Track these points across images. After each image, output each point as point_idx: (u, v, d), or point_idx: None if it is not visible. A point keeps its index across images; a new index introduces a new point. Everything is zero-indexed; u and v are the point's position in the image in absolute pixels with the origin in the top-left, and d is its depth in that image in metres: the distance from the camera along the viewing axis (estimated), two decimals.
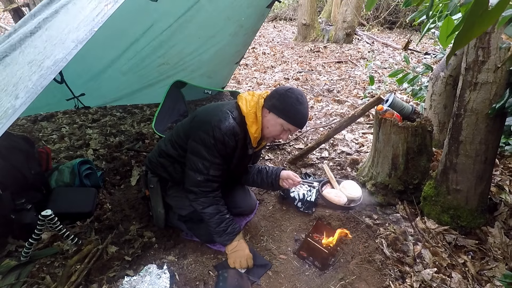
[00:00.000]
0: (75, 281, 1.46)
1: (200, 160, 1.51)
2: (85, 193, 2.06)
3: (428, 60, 5.62)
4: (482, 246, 1.68)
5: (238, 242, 1.63)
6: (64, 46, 1.12)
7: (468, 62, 1.55)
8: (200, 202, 1.57)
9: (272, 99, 1.54)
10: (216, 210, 1.59)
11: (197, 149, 1.52)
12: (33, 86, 1.03)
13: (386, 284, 1.51)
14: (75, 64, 2.73)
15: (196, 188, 1.56)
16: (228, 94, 3.96)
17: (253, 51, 6.96)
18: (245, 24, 3.17)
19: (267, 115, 1.56)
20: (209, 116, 1.53)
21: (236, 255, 1.59)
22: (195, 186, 1.55)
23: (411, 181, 1.97)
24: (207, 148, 1.50)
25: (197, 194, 1.56)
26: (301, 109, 1.51)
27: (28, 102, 1.03)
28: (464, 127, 1.62)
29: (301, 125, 1.58)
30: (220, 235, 1.61)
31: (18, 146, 1.93)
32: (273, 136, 1.61)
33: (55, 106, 3.38)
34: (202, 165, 1.51)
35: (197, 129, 1.54)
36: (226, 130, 1.49)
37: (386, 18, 9.62)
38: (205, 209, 1.58)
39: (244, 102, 1.57)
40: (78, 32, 1.14)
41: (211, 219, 1.58)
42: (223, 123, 1.49)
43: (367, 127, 3.22)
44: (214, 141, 1.48)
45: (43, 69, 1.08)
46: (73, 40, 1.11)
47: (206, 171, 1.52)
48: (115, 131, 3.12)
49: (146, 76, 3.37)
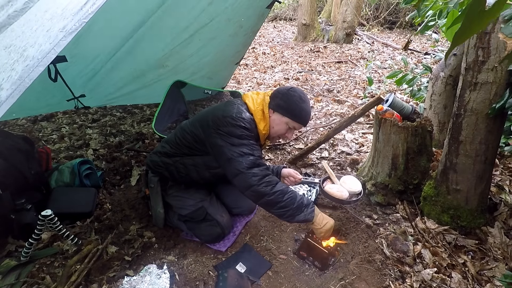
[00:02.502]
0: (75, 281, 1.46)
1: (238, 147, 1.46)
2: (85, 193, 2.05)
3: (428, 60, 5.62)
4: (482, 246, 1.68)
5: (321, 214, 1.53)
6: (49, 35, 1.05)
7: (468, 62, 1.55)
8: (266, 182, 1.44)
9: (276, 99, 1.58)
10: (284, 185, 1.48)
11: (230, 141, 1.47)
12: (19, 77, 0.98)
13: (386, 284, 1.51)
14: (75, 65, 2.77)
15: (255, 169, 1.44)
16: (228, 94, 3.96)
17: (253, 51, 6.96)
18: (245, 24, 3.17)
19: (272, 115, 1.60)
20: (226, 112, 1.53)
21: (325, 229, 1.51)
22: (251, 166, 1.44)
23: (411, 181, 1.97)
24: (238, 137, 1.48)
25: (259, 174, 1.43)
26: (305, 106, 1.58)
27: (17, 95, 0.97)
28: (464, 127, 1.62)
29: (306, 122, 1.62)
30: (302, 210, 1.46)
31: (18, 146, 1.93)
32: (278, 135, 1.66)
33: (55, 107, 3.39)
34: (242, 150, 1.45)
35: (217, 127, 1.50)
36: (248, 119, 1.53)
37: (386, 18, 9.62)
38: (275, 187, 1.44)
39: (250, 100, 1.61)
40: (65, 21, 1.06)
41: (285, 196, 1.44)
42: (243, 114, 1.53)
43: (367, 127, 3.22)
44: (242, 129, 1.49)
45: (28, 58, 1.02)
46: (61, 30, 1.04)
47: (251, 152, 1.47)
48: (115, 131, 3.12)
49: (147, 79, 3.37)
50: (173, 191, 1.77)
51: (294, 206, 1.44)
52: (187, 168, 1.68)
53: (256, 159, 1.47)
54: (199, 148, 1.63)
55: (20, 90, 0.98)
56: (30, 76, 1.00)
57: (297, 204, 1.45)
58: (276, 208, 1.45)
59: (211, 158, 1.61)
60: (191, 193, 1.76)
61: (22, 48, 1.07)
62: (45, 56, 1.02)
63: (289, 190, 1.47)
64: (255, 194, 1.44)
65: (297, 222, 1.50)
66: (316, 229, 1.53)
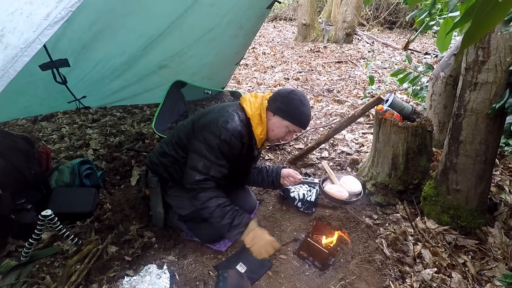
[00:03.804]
0: (75, 281, 1.46)
1: (201, 159, 1.48)
2: (85, 193, 2.05)
3: (428, 60, 5.62)
4: (482, 246, 1.68)
5: (253, 232, 1.49)
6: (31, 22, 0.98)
7: (468, 62, 1.55)
8: (199, 197, 1.49)
9: (276, 102, 1.56)
10: (215, 203, 1.48)
11: (199, 148, 1.49)
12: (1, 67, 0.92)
13: (386, 284, 1.51)
14: (77, 70, 2.76)
15: (196, 186, 1.49)
16: (228, 94, 3.96)
17: (253, 51, 6.96)
18: (245, 25, 3.17)
19: (272, 118, 1.58)
20: (215, 117, 1.51)
21: (257, 247, 1.47)
22: (194, 184, 1.49)
23: (411, 181, 1.97)
24: (210, 148, 1.47)
25: (196, 190, 1.50)
26: (305, 110, 1.56)
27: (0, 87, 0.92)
28: (464, 127, 1.62)
29: (305, 126, 1.61)
30: (227, 230, 1.47)
31: (18, 146, 1.93)
32: (278, 138, 1.65)
33: (56, 108, 3.38)
34: (202, 164, 1.48)
35: (201, 129, 1.51)
36: (233, 131, 1.48)
37: (386, 18, 9.62)
38: (205, 203, 1.48)
39: (248, 104, 1.59)
40: (49, 8, 0.98)
41: (213, 214, 1.47)
42: (230, 124, 1.48)
43: (367, 127, 3.22)
44: (219, 142, 1.46)
45: (10, 47, 0.95)
46: (44, 18, 0.97)
47: (206, 171, 1.48)
48: (115, 131, 3.12)
49: (147, 80, 3.36)
50: (173, 191, 1.77)
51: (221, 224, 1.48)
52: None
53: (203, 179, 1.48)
54: None
55: (4, 81, 0.93)
56: (15, 67, 0.94)
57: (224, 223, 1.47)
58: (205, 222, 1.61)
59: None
60: None
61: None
62: (29, 45, 0.96)
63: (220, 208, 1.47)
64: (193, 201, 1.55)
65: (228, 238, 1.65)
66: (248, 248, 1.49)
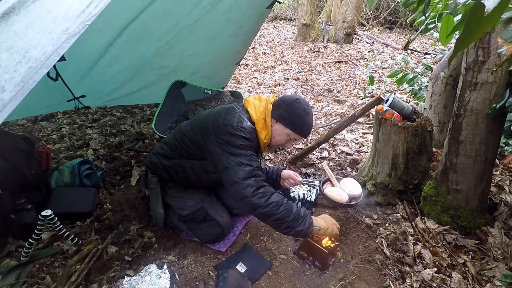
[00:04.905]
0: (75, 281, 1.46)
1: (237, 157, 1.44)
2: (85, 193, 2.06)
3: (428, 60, 5.62)
4: (482, 246, 1.68)
5: (321, 219, 1.54)
6: (52, 37, 1.06)
7: (468, 62, 1.55)
8: (260, 193, 1.41)
9: (280, 109, 1.56)
10: (280, 197, 1.44)
11: (229, 151, 1.45)
12: (22, 79, 0.98)
13: (386, 284, 1.51)
14: (73, 64, 2.75)
15: (251, 179, 1.41)
16: (228, 94, 3.96)
17: (253, 51, 6.96)
18: (245, 25, 3.17)
19: (274, 125, 1.59)
20: (227, 120, 1.50)
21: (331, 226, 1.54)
22: (247, 177, 1.41)
23: (411, 181, 1.97)
24: (237, 147, 1.45)
25: (254, 185, 1.41)
26: (308, 119, 1.56)
27: (20, 97, 0.97)
28: (464, 127, 1.62)
29: (307, 135, 1.63)
30: (299, 222, 1.44)
31: (18, 146, 1.93)
32: (278, 145, 1.66)
33: (55, 107, 3.38)
34: (244, 159, 1.44)
35: (217, 135, 1.48)
36: (249, 129, 1.50)
37: (386, 18, 9.62)
38: (270, 199, 1.41)
39: (253, 108, 1.58)
40: (68, 24, 1.06)
41: (280, 208, 1.41)
42: (245, 123, 1.51)
43: (367, 127, 3.22)
44: (241, 139, 1.46)
45: (31, 60, 1.02)
46: (63, 32, 1.05)
47: (249, 163, 1.44)
48: (115, 131, 3.12)
49: (147, 80, 3.36)
50: (173, 191, 1.77)
51: (290, 218, 1.42)
52: (186, 171, 1.68)
53: (253, 170, 1.44)
54: (198, 153, 1.62)
55: (24, 92, 0.98)
56: (34, 78, 1.00)
57: (293, 216, 1.42)
58: (271, 220, 1.43)
59: (209, 163, 1.59)
60: (191, 194, 1.75)
61: (24, 49, 1.07)
62: (48, 58, 1.03)
63: (285, 202, 1.44)
64: (249, 205, 1.42)
65: (294, 236, 1.53)
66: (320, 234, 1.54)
